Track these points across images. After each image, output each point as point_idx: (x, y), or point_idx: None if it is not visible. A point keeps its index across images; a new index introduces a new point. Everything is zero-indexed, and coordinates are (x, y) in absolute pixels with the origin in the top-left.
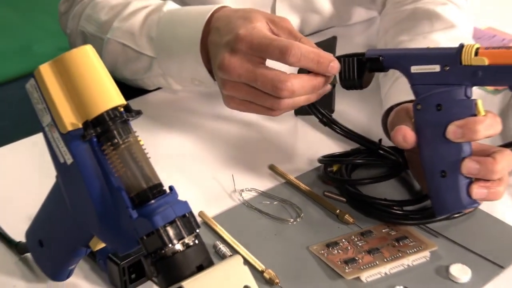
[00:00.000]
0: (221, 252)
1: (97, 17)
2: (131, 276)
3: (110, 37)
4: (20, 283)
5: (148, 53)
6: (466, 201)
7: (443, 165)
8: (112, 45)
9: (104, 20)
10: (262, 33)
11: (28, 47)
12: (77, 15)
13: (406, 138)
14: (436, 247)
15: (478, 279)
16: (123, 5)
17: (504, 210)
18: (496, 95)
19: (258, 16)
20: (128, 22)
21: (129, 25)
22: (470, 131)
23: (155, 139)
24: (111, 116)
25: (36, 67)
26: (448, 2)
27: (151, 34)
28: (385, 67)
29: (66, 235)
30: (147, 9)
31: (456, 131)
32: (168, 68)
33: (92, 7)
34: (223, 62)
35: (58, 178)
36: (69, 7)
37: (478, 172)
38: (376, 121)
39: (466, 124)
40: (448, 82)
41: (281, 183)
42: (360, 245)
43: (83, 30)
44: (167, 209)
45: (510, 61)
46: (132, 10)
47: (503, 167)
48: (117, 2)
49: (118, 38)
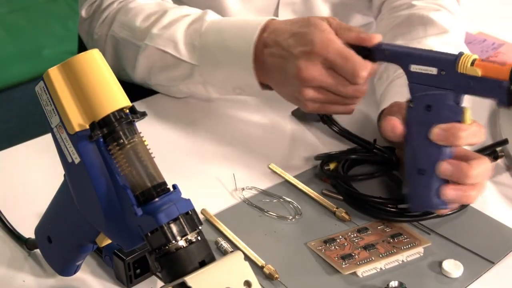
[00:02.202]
0: (223, 248)
1: (132, 23)
2: (136, 271)
3: (148, 43)
4: (29, 278)
5: (189, 60)
6: (436, 201)
7: (423, 164)
8: (150, 51)
9: (140, 26)
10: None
11: (38, 51)
12: (108, 21)
13: (394, 129)
14: (429, 243)
15: (470, 274)
16: (160, 13)
17: (495, 208)
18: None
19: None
20: (169, 30)
21: (170, 32)
22: (453, 136)
23: (159, 139)
24: (117, 117)
25: (45, 71)
26: (441, 9)
27: (194, 43)
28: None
29: (73, 231)
30: (189, 18)
31: (440, 134)
32: (211, 77)
33: (125, 13)
34: (301, 71)
35: (66, 177)
36: (92, 13)
37: (451, 174)
38: (370, 122)
39: (450, 128)
40: (442, 86)
41: (280, 182)
42: (356, 242)
43: (114, 35)
44: (170, 206)
45: (501, 76)
46: (172, 19)
47: (478, 173)
48: (153, 10)
49: (158, 45)
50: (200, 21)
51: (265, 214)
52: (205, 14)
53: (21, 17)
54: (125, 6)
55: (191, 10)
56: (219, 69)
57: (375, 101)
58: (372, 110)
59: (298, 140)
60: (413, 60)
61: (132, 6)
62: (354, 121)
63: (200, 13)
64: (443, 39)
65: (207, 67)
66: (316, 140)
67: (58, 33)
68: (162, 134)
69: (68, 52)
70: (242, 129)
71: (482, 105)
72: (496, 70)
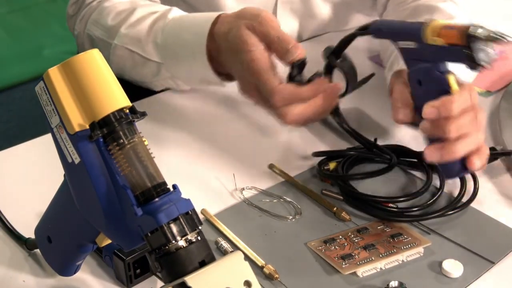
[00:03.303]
0: (223, 248)
1: (104, 21)
2: (136, 271)
3: (117, 43)
4: (29, 278)
5: (155, 59)
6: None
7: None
8: (119, 50)
9: (111, 25)
10: (256, 68)
11: (38, 51)
12: (85, 19)
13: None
14: (429, 243)
15: (470, 274)
16: (129, 10)
17: (495, 208)
18: (487, 97)
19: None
20: (135, 28)
21: (136, 31)
22: (446, 110)
23: (159, 139)
24: (117, 117)
25: (45, 71)
26: (446, 0)
27: (157, 41)
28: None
29: (73, 231)
30: (153, 16)
31: (432, 112)
32: (176, 72)
33: (99, 12)
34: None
35: (66, 177)
36: (77, 9)
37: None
38: (371, 122)
39: (440, 105)
40: (422, 58)
41: (280, 182)
42: (356, 242)
43: (90, 33)
44: (170, 206)
45: (461, 42)
46: (139, 17)
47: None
48: (123, 8)
49: (125, 44)
50: (163, 18)
51: (265, 214)
52: (168, 11)
53: (21, 17)
54: (101, 5)
55: (159, 7)
56: (181, 64)
57: (376, 101)
58: (372, 110)
59: (298, 140)
60: (398, 36)
61: (106, 5)
62: (355, 120)
63: (164, 10)
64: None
65: (171, 63)
66: (316, 140)
67: (58, 33)
68: (162, 134)
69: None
70: (242, 129)
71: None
72: (456, 36)
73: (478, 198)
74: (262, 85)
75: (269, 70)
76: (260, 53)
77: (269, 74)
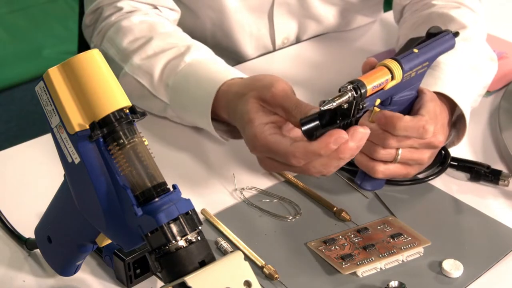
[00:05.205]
0: (223, 248)
1: (119, 42)
2: (136, 271)
3: (128, 72)
4: (29, 278)
5: (163, 98)
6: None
7: None
8: (129, 79)
9: (125, 48)
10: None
11: (38, 51)
12: (102, 33)
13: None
14: (429, 243)
15: (470, 274)
16: (146, 38)
17: (495, 208)
18: (487, 97)
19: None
20: (149, 62)
21: (149, 65)
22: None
23: (159, 139)
24: (117, 117)
25: (45, 71)
26: (461, 6)
27: (168, 82)
28: None
29: (73, 231)
30: (169, 53)
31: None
32: (182, 117)
33: (116, 31)
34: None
35: (66, 177)
36: (95, 21)
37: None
38: None
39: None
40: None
41: (280, 182)
42: (356, 242)
43: (104, 50)
44: (170, 206)
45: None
46: (156, 50)
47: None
48: (141, 35)
49: (136, 75)
50: (179, 58)
51: (265, 214)
52: (187, 51)
53: (21, 17)
54: (119, 22)
55: (177, 39)
56: (187, 114)
57: None
58: None
59: None
60: None
61: (124, 24)
62: None
63: (182, 48)
64: (462, 35)
65: (177, 108)
66: None
67: (58, 33)
68: (162, 134)
69: (68, 52)
70: None
71: (482, 105)
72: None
73: (478, 198)
74: (273, 155)
75: (276, 140)
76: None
77: (277, 142)
